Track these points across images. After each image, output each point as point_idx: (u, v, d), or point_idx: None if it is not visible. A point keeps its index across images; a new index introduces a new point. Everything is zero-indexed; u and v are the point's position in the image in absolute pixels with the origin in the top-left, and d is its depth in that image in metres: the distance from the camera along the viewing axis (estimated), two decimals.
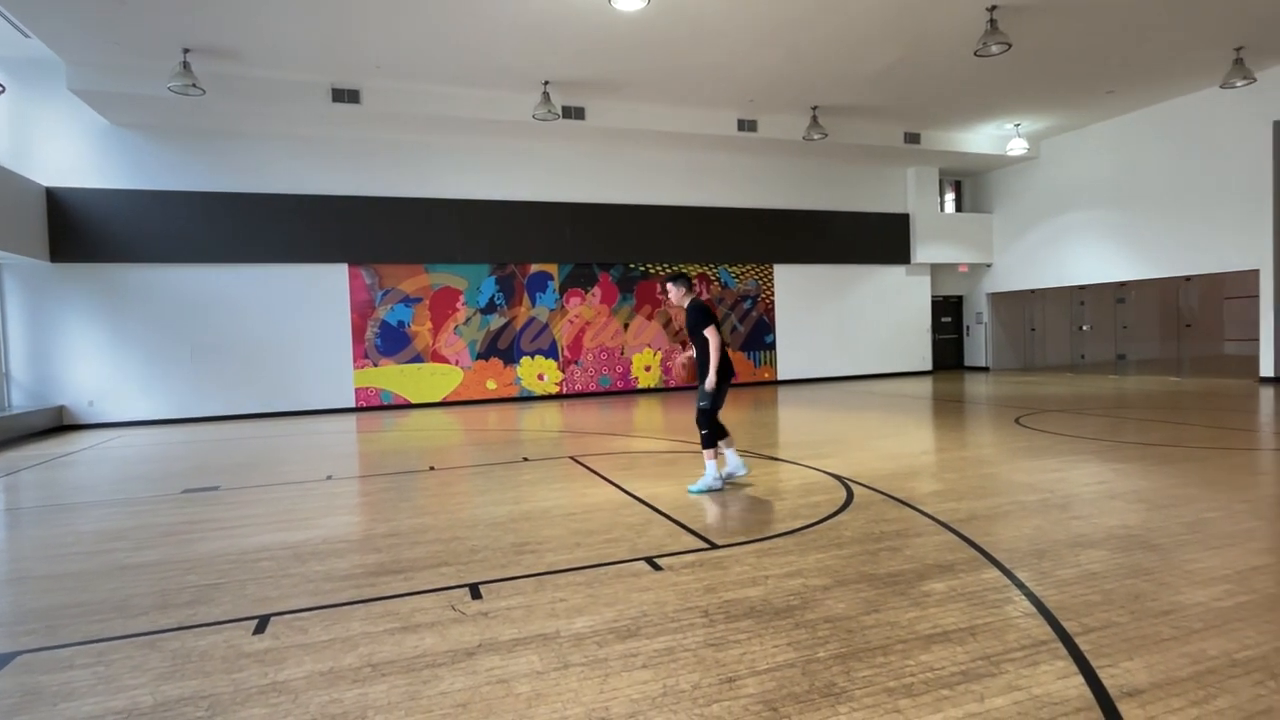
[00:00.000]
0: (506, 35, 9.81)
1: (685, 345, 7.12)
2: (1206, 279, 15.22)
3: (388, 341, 13.45)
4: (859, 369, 17.01)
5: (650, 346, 15.24)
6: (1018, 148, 15.35)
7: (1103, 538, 4.05)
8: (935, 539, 4.13)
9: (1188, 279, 15.22)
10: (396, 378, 13.53)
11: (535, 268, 14.38)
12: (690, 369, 5.99)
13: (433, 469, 7.07)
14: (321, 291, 13.03)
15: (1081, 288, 17.21)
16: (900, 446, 7.52)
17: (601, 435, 9.12)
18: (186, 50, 9.81)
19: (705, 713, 2.34)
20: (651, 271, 15.20)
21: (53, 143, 11.47)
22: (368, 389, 13.36)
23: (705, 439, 5.56)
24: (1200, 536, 4.03)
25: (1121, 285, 17.00)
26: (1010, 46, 9.68)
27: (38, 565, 4.29)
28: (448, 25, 9.50)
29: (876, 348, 17.17)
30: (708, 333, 5.51)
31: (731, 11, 9.30)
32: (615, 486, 5.89)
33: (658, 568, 3.79)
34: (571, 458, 7.40)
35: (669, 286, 5.78)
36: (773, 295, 16.19)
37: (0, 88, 10.97)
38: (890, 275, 17.26)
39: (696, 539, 4.31)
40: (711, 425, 5.57)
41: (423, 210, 13.46)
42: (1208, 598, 3.15)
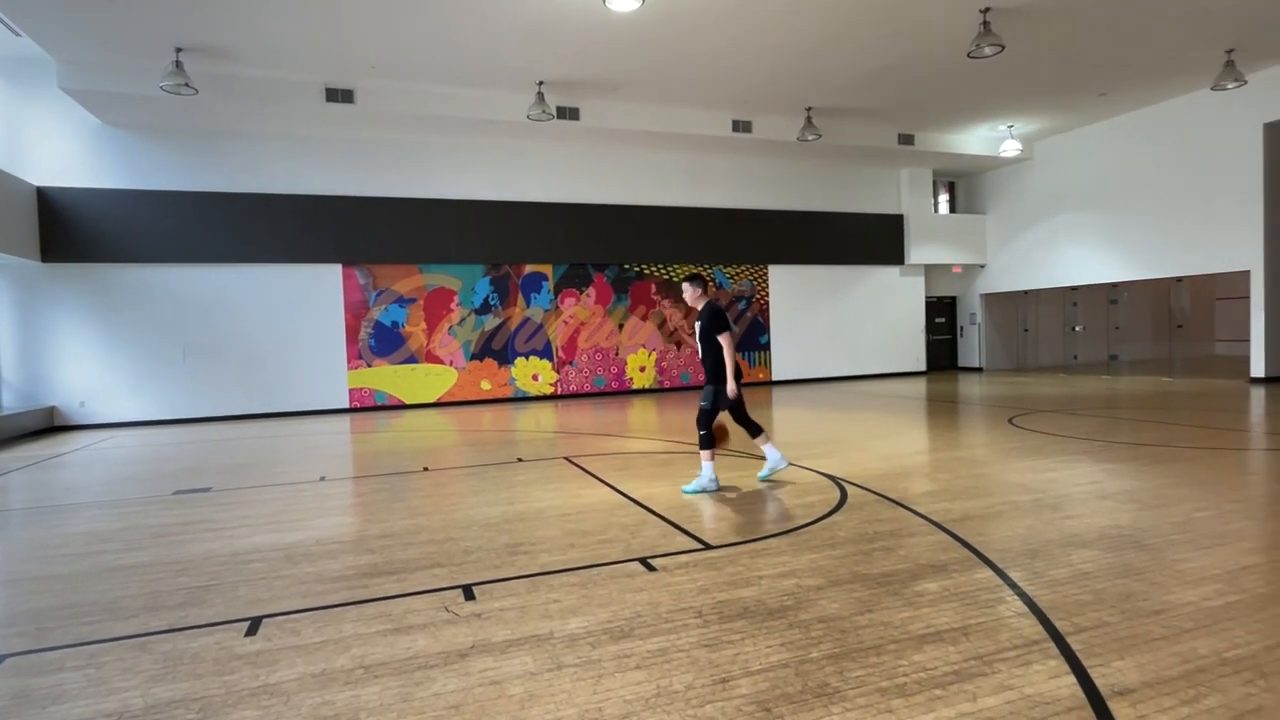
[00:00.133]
0: (501, 36, 9.80)
1: (681, 345, 7.10)
2: (1198, 280, 15.34)
3: (382, 342, 13.42)
4: (853, 369, 17.05)
5: (645, 347, 15.25)
6: (1011, 149, 15.41)
7: (1095, 537, 4.07)
8: (928, 539, 4.14)
9: (1179, 280, 15.32)
10: (390, 378, 13.50)
11: (530, 268, 14.37)
12: (718, 436, 5.82)
13: (427, 470, 7.05)
14: (315, 292, 12.99)
15: (1074, 289, 17.30)
16: (894, 447, 7.54)
17: (596, 436, 9.12)
18: (179, 49, 9.77)
19: (699, 713, 2.34)
20: (646, 272, 15.21)
21: (44, 142, 11.40)
22: (362, 390, 13.32)
23: (704, 439, 5.57)
24: (1191, 536, 4.05)
25: (1114, 286, 17.10)
26: (1003, 48, 9.72)
27: (27, 567, 4.26)
28: (442, 25, 9.48)
29: (871, 348, 17.21)
30: (722, 339, 5.52)
31: (726, 13, 9.31)
32: (609, 487, 5.89)
33: (652, 568, 3.79)
34: (566, 458, 7.39)
35: (685, 286, 5.79)
36: (767, 296, 16.22)
37: None
38: (884, 276, 17.31)
39: (690, 540, 4.32)
40: (711, 427, 5.58)
41: (417, 210, 13.44)
42: (1198, 597, 3.16)
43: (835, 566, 3.71)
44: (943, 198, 18.68)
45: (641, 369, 15.22)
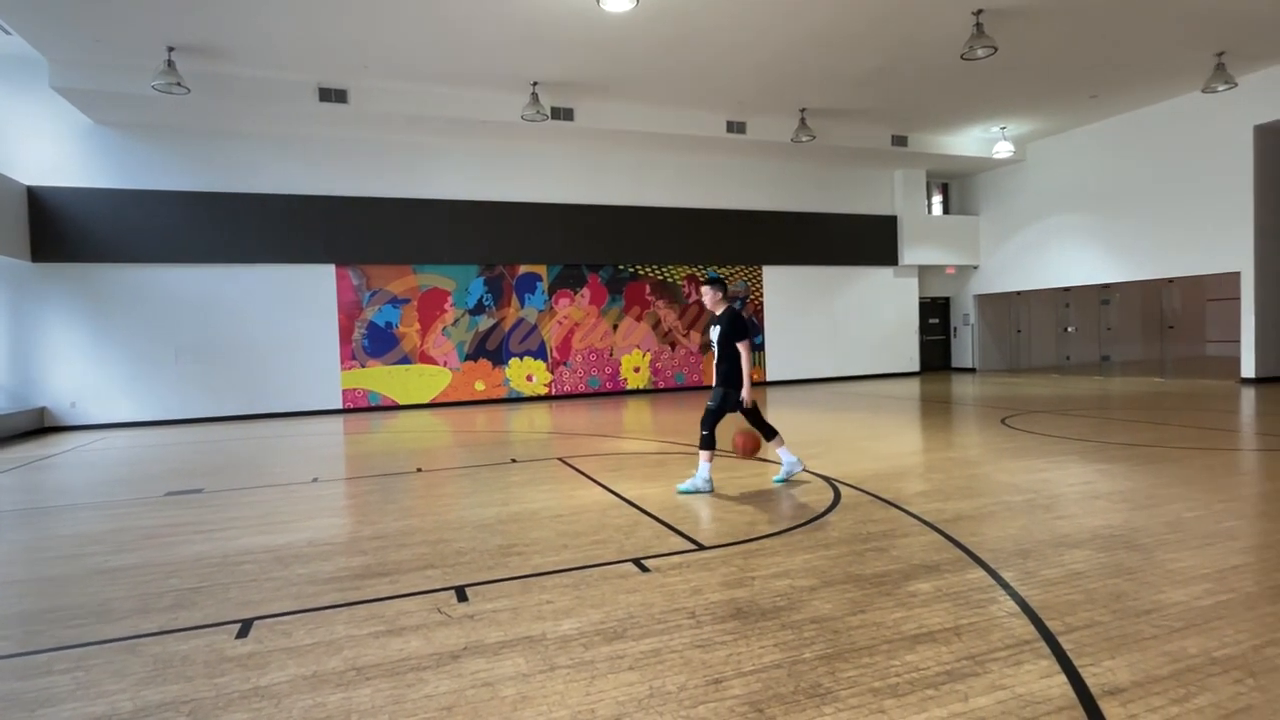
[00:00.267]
0: (495, 36, 9.79)
1: (675, 346, 7.10)
2: (1189, 281, 15.41)
3: (375, 343, 13.38)
4: (847, 370, 17.09)
5: (639, 348, 15.25)
6: (1004, 151, 15.48)
7: (1086, 538, 4.09)
8: (921, 539, 4.15)
9: (1171, 281, 15.41)
10: (384, 379, 13.46)
11: (524, 269, 14.35)
12: (748, 444, 5.86)
13: (420, 471, 7.03)
14: (308, 292, 12.94)
15: (1067, 290, 17.39)
16: (887, 447, 7.56)
17: (590, 436, 9.11)
18: (171, 48, 9.72)
19: (691, 714, 2.33)
20: (640, 273, 15.21)
21: (35, 141, 11.33)
22: (355, 390, 13.28)
23: (705, 439, 5.57)
24: (1181, 536, 4.07)
25: (1106, 287, 17.19)
26: (996, 50, 9.77)
27: (15, 569, 4.23)
28: (436, 25, 9.47)
29: (864, 349, 17.26)
30: (741, 346, 5.55)
31: (720, 13, 9.33)
32: (603, 488, 5.88)
33: (645, 569, 3.79)
34: (560, 459, 7.38)
35: (704, 289, 5.83)
36: (761, 296, 16.24)
37: None
38: (878, 277, 17.36)
39: (684, 540, 4.32)
40: (714, 428, 5.59)
41: (411, 211, 13.41)
42: (1188, 597, 3.18)
43: (828, 567, 3.72)
44: (936, 199, 18.75)
45: (636, 370, 15.22)
